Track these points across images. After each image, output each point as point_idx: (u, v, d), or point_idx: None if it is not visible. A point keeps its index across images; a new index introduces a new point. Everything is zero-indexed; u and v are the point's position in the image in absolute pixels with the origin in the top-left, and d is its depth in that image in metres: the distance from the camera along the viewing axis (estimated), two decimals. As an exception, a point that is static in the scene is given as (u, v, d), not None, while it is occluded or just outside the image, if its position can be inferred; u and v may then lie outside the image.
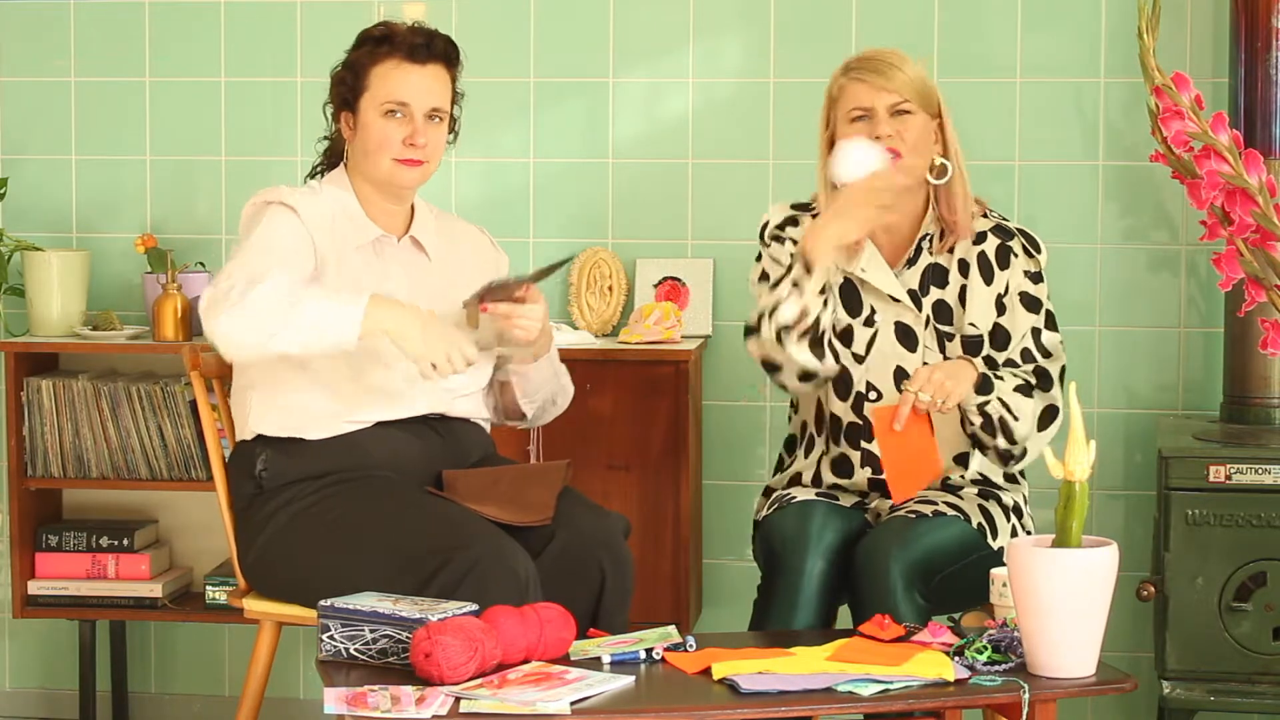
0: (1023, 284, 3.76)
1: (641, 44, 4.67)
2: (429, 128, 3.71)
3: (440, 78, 3.73)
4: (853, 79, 3.70)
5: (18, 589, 4.63)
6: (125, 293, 4.83)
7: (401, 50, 3.70)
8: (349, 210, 3.74)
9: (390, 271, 3.74)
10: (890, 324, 3.75)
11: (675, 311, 4.52)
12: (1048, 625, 3.12)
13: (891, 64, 3.69)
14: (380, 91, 3.69)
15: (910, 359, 3.74)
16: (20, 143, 4.86)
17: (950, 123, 3.76)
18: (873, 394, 3.76)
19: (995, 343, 3.73)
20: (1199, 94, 3.47)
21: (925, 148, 3.71)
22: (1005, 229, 3.79)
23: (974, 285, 3.74)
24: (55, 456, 4.58)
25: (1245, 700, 4.11)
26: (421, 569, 3.43)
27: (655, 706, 3.06)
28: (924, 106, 3.71)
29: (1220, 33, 4.45)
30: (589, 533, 3.61)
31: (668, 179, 4.68)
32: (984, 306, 3.74)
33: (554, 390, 3.90)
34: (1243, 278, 3.45)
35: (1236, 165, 3.40)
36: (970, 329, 3.73)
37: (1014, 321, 3.74)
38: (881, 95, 3.67)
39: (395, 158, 3.69)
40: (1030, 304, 3.75)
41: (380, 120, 3.69)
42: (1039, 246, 3.80)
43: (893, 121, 3.67)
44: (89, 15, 4.81)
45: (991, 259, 3.75)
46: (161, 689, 4.91)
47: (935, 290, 3.74)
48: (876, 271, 3.75)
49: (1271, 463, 4.06)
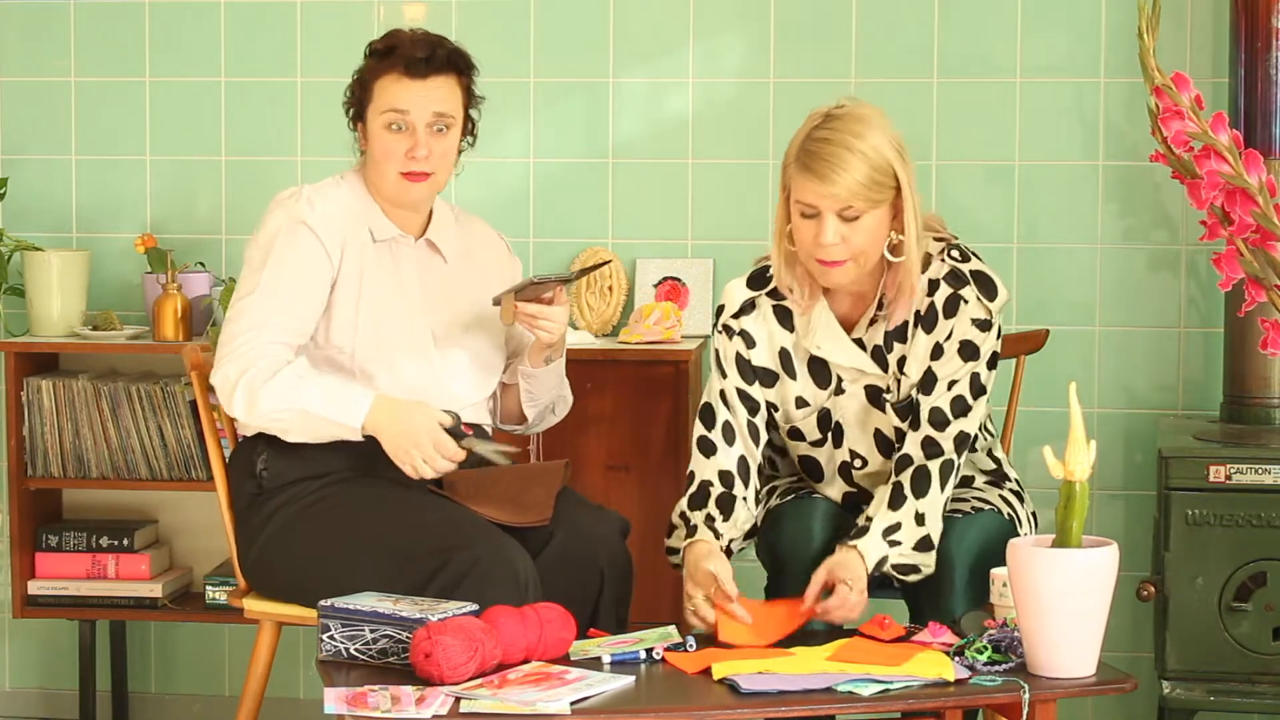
0: (967, 332, 3.59)
1: (641, 44, 4.67)
2: (432, 138, 3.69)
3: (444, 87, 3.71)
4: (802, 171, 3.51)
5: (18, 589, 4.63)
6: (125, 293, 4.83)
7: (400, 64, 3.69)
8: (367, 209, 3.74)
9: (403, 271, 3.75)
10: (860, 390, 3.67)
11: (675, 311, 4.52)
12: (1048, 625, 3.12)
13: (836, 166, 3.47)
14: (382, 103, 3.70)
15: (885, 420, 3.68)
16: (20, 143, 4.86)
17: (910, 190, 3.52)
18: (858, 461, 3.72)
19: (923, 388, 3.61)
20: (1199, 94, 3.47)
21: (878, 239, 3.54)
22: (959, 275, 3.60)
23: (917, 336, 3.61)
24: (55, 456, 4.58)
25: (1245, 700, 4.11)
26: (421, 569, 3.43)
27: (655, 706, 3.06)
28: (875, 200, 3.50)
29: (1220, 33, 4.45)
30: (588, 533, 3.61)
31: (668, 179, 4.68)
32: (920, 354, 3.61)
33: (555, 398, 3.90)
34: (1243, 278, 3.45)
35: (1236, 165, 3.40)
36: (904, 379, 3.63)
37: (945, 367, 3.59)
38: (826, 200, 3.49)
39: (400, 171, 3.69)
40: (970, 353, 3.59)
41: (383, 133, 3.69)
42: (995, 292, 3.61)
43: (840, 225, 3.50)
44: (89, 15, 4.81)
45: (939, 308, 3.60)
46: (161, 689, 4.91)
47: (899, 346, 3.63)
48: (832, 345, 3.64)
49: (1271, 463, 4.06)
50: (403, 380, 3.68)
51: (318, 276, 3.66)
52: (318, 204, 3.70)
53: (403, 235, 3.76)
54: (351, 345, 3.67)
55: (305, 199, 3.70)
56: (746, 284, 3.71)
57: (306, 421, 3.56)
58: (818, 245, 3.52)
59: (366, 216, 3.74)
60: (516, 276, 3.91)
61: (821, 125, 3.53)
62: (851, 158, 3.48)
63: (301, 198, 3.70)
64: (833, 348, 3.65)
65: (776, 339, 3.69)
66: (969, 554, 3.57)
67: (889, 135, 3.53)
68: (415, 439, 3.54)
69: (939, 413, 3.59)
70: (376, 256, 3.73)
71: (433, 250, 3.80)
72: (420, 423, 3.55)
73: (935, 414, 3.59)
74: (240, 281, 3.70)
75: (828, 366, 3.67)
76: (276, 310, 3.62)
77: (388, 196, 3.74)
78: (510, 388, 3.88)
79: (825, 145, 3.49)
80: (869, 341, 3.65)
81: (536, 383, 3.83)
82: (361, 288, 3.69)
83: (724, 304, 3.71)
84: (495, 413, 3.90)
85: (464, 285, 3.80)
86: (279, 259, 3.65)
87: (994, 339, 3.62)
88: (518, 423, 3.92)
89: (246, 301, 3.64)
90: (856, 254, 3.52)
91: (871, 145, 3.49)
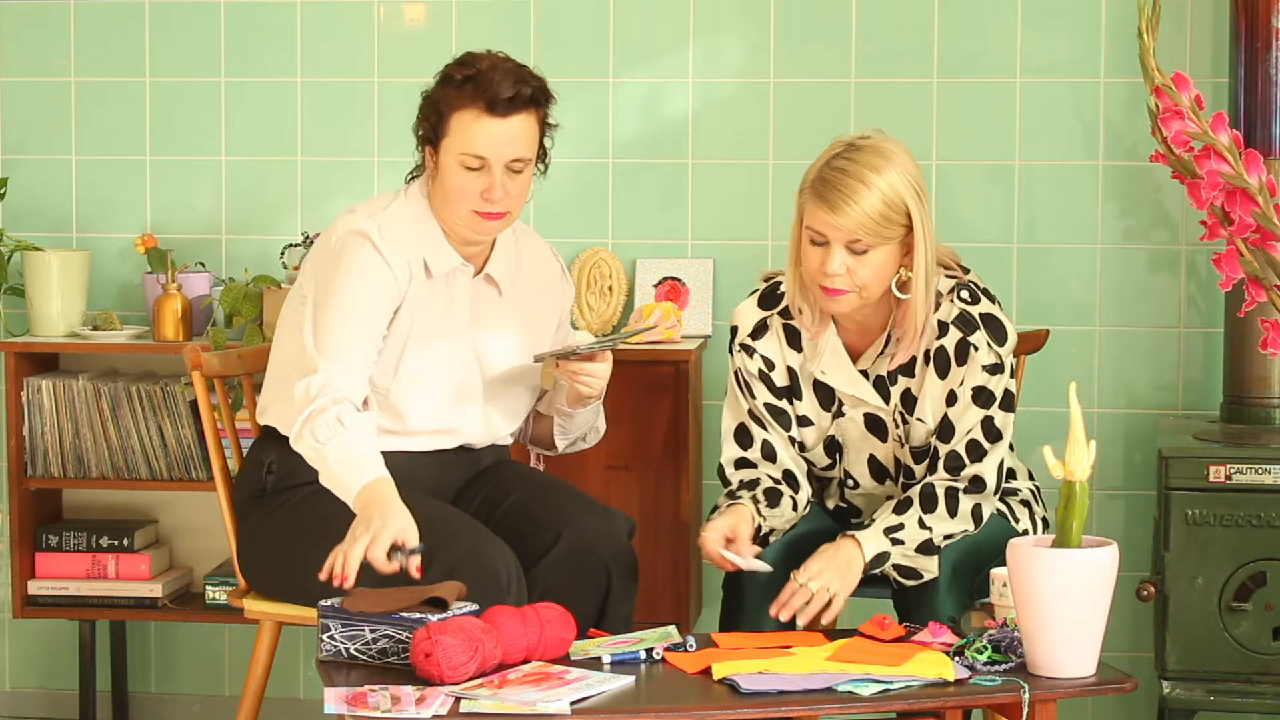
0: (979, 379, 3.58)
1: (641, 44, 4.67)
2: (508, 179, 3.58)
3: (525, 125, 3.58)
4: (814, 199, 3.50)
5: (18, 589, 4.63)
6: (125, 293, 4.83)
7: (483, 100, 3.54)
8: (432, 235, 3.64)
9: (456, 300, 3.67)
10: (860, 415, 3.67)
11: (675, 311, 4.52)
12: (1048, 625, 3.12)
13: (848, 197, 3.45)
14: (459, 142, 3.56)
15: (882, 449, 3.68)
16: (20, 143, 4.86)
17: (924, 230, 3.51)
18: (851, 481, 3.74)
19: (941, 435, 3.61)
20: (1199, 94, 3.48)
21: (884, 275, 3.53)
22: (968, 320, 3.58)
23: (928, 379, 3.60)
24: (55, 456, 4.58)
25: (1245, 700, 4.11)
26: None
27: (655, 706, 3.06)
28: (884, 236, 3.49)
29: (1220, 33, 4.45)
30: (594, 534, 3.60)
31: (668, 179, 4.68)
32: (934, 401, 3.61)
33: (588, 429, 3.87)
34: (1243, 278, 3.45)
35: (1236, 165, 3.40)
36: (919, 423, 3.63)
37: (961, 416, 3.59)
38: (834, 230, 3.48)
39: (474, 210, 3.59)
40: (985, 400, 3.59)
41: (458, 170, 3.57)
42: (1005, 337, 3.59)
43: (847, 257, 3.50)
44: (89, 15, 4.81)
45: (950, 354, 3.59)
46: (161, 689, 4.91)
47: (904, 379, 3.63)
48: (836, 370, 3.65)
49: (1271, 463, 4.06)
50: (429, 422, 3.66)
51: (384, 304, 3.58)
52: (388, 235, 3.58)
53: (463, 265, 3.66)
54: (387, 385, 3.63)
55: (376, 230, 3.58)
56: (758, 304, 3.72)
57: (323, 467, 3.50)
58: (822, 273, 3.52)
59: (427, 245, 3.63)
60: (569, 301, 3.87)
61: (842, 155, 3.51)
62: (866, 191, 3.47)
63: (374, 226, 3.58)
64: (836, 373, 3.66)
65: (787, 359, 3.69)
66: (954, 551, 3.57)
67: (909, 173, 3.51)
68: (368, 527, 3.36)
69: (955, 457, 3.60)
70: (431, 292, 3.65)
71: (490, 283, 3.73)
72: (383, 524, 3.36)
73: (951, 459, 3.60)
74: (319, 296, 3.59)
75: (831, 390, 3.68)
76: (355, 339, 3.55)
77: (459, 232, 3.64)
78: (544, 418, 3.85)
79: (841, 176, 3.49)
80: (873, 372, 3.65)
81: (571, 421, 3.82)
82: (412, 329, 3.63)
83: (736, 325, 3.72)
84: (525, 434, 3.88)
85: (515, 316, 3.74)
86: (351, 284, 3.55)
87: (1007, 379, 3.61)
88: (547, 448, 3.90)
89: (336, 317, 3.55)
90: (860, 287, 3.53)
91: (888, 181, 3.48)
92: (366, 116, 4.73)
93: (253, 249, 4.78)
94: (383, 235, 3.59)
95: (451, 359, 3.67)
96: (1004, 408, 3.61)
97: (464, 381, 3.69)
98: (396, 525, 3.34)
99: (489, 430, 3.75)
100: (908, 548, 3.53)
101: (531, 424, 3.88)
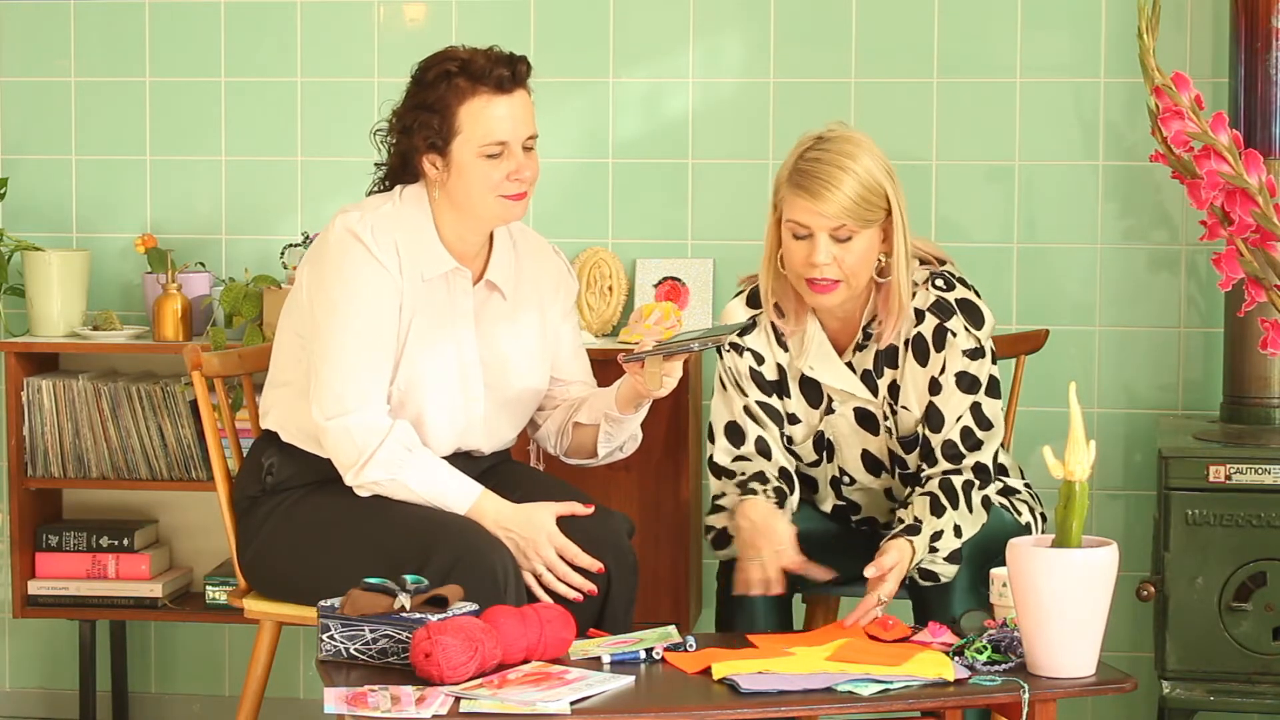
0: (960, 364, 3.61)
1: (641, 44, 4.67)
2: (528, 157, 3.61)
3: (527, 102, 3.62)
4: (795, 191, 3.55)
5: (18, 589, 4.63)
6: (125, 293, 4.83)
7: (488, 84, 3.55)
8: (425, 238, 3.62)
9: (459, 305, 3.66)
10: (850, 410, 3.69)
11: (675, 311, 4.50)
12: (1048, 625, 3.12)
13: (828, 184, 3.51)
14: (476, 134, 3.56)
15: (874, 442, 3.70)
16: (20, 143, 4.86)
17: (900, 211, 3.58)
18: (847, 478, 3.75)
19: (931, 425, 3.63)
20: (1199, 94, 3.48)
21: (868, 261, 3.57)
22: (944, 306, 3.62)
23: (909, 367, 3.63)
24: (55, 456, 4.58)
25: (1245, 700, 4.11)
26: (402, 568, 3.42)
27: (655, 706, 3.06)
28: (867, 219, 3.54)
29: (1220, 33, 4.45)
30: (595, 533, 3.60)
31: (668, 179, 4.68)
32: (918, 389, 3.63)
33: (629, 436, 3.84)
34: (1243, 278, 3.45)
35: (1236, 165, 3.40)
36: (904, 411, 3.65)
37: (948, 403, 3.61)
38: (818, 219, 3.53)
39: (503, 195, 3.59)
40: (969, 385, 3.61)
41: (480, 162, 3.56)
42: (981, 320, 3.63)
43: (832, 246, 3.53)
44: (89, 15, 4.81)
45: (928, 340, 3.62)
46: (161, 689, 4.91)
47: (889, 371, 3.65)
48: (824, 366, 3.67)
49: (1271, 463, 4.06)
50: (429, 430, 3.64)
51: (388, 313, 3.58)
52: (381, 238, 3.57)
53: (460, 269, 3.65)
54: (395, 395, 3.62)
55: (369, 234, 3.57)
56: (746, 303, 3.75)
57: (408, 494, 3.54)
58: (809, 266, 3.55)
59: (419, 246, 3.61)
60: (572, 295, 3.86)
61: (813, 147, 3.58)
62: (844, 176, 3.53)
63: (368, 228, 3.57)
64: (824, 369, 3.68)
65: (775, 355, 3.71)
66: (969, 550, 3.58)
67: (878, 158, 3.59)
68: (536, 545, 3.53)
69: (951, 445, 3.62)
70: (431, 292, 3.63)
71: (492, 289, 3.71)
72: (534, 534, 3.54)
73: (948, 447, 3.62)
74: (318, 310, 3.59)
75: (819, 387, 3.69)
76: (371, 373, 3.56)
77: (486, 220, 3.63)
78: (587, 427, 3.81)
79: (818, 165, 3.54)
80: (859, 365, 3.68)
81: (619, 426, 3.78)
82: (410, 331, 3.61)
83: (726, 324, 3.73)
84: (561, 445, 3.86)
85: (520, 318, 3.73)
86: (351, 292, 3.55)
87: (989, 364, 3.63)
88: (588, 458, 3.85)
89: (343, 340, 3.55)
90: (848, 275, 3.56)
91: (863, 166, 3.55)
92: (366, 116, 4.72)
93: (253, 249, 4.78)
94: (375, 235, 3.58)
95: (456, 366, 3.66)
96: (990, 394, 3.63)
97: (469, 393, 3.68)
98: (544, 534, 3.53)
99: (494, 437, 3.75)
100: (939, 555, 3.55)
101: (571, 433, 3.84)
